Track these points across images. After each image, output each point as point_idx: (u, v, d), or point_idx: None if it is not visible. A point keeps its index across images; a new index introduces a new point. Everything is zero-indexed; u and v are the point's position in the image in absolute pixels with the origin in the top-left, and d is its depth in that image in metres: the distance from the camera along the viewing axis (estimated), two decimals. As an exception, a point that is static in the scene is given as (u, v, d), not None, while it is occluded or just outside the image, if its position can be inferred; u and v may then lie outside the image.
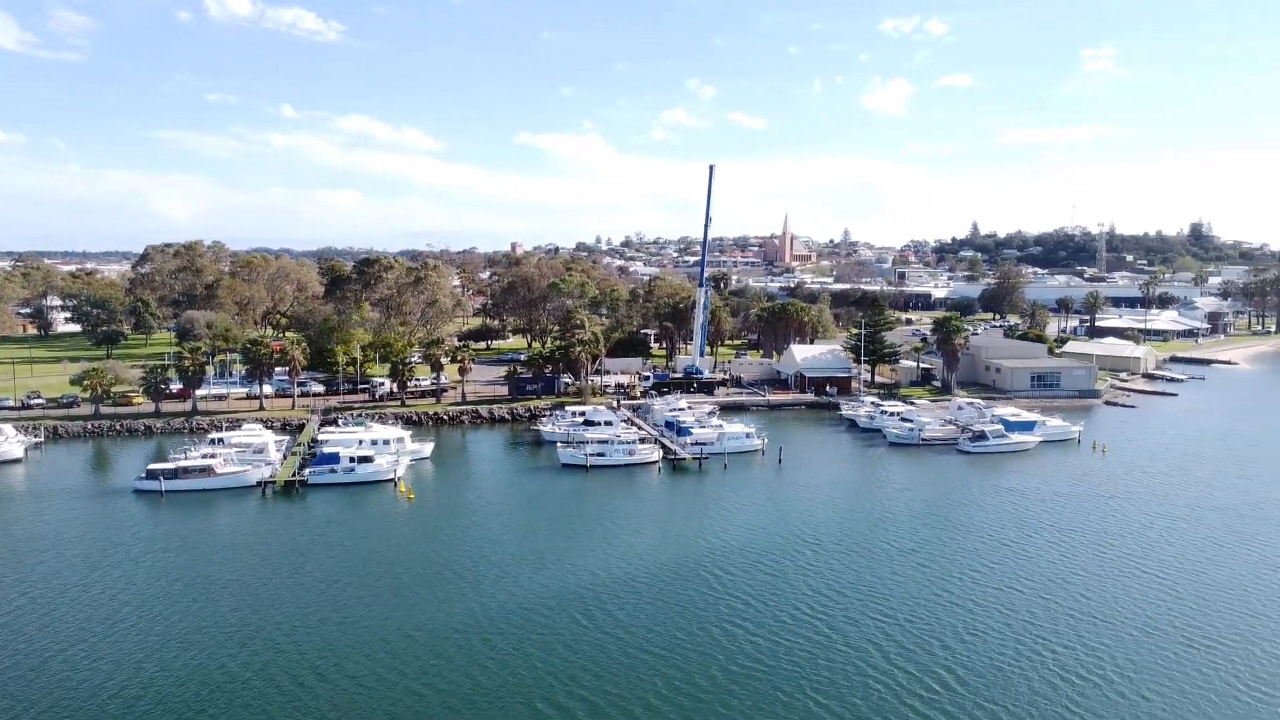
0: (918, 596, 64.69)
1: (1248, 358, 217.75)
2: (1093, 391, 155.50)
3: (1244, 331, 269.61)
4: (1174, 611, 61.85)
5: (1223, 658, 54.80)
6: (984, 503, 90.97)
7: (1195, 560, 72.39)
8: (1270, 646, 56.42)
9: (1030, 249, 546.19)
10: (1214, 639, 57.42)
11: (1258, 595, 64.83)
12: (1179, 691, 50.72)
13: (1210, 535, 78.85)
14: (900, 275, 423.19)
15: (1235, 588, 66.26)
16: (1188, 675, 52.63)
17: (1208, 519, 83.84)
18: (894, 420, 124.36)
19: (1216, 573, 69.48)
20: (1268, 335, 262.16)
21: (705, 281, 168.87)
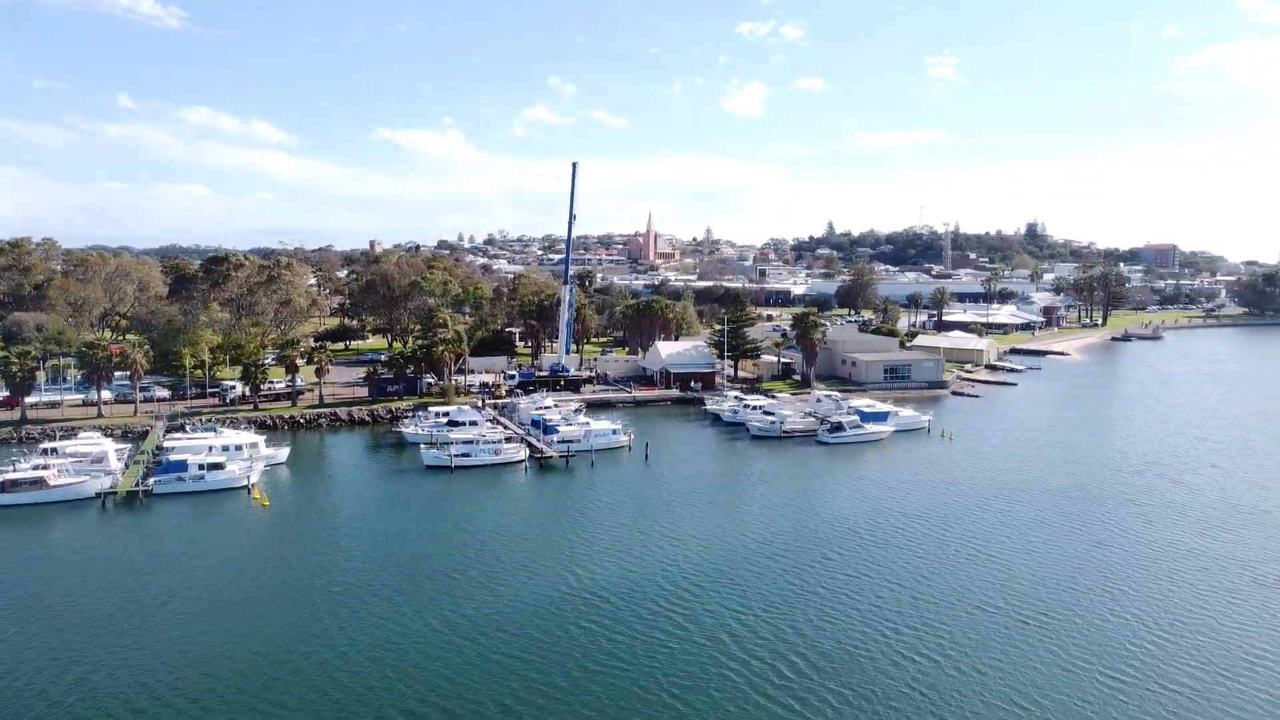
0: (773, 586, 65.44)
1: (1078, 349, 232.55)
2: (941, 382, 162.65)
3: (1075, 324, 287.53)
4: (1008, 589, 64.46)
5: (1051, 632, 57.36)
6: (840, 492, 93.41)
7: (1028, 540, 75.82)
8: (1093, 619, 59.42)
9: (882, 247, 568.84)
10: (1043, 614, 60.13)
11: (1084, 572, 68.25)
12: (1011, 665, 52.88)
13: (1041, 516, 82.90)
14: (761, 273, 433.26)
15: (1063, 565, 69.66)
16: (1019, 649, 54.89)
17: (1039, 501, 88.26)
18: (756, 414, 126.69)
19: (1046, 551, 72.95)
20: (1095, 328, 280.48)
21: (570, 279, 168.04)
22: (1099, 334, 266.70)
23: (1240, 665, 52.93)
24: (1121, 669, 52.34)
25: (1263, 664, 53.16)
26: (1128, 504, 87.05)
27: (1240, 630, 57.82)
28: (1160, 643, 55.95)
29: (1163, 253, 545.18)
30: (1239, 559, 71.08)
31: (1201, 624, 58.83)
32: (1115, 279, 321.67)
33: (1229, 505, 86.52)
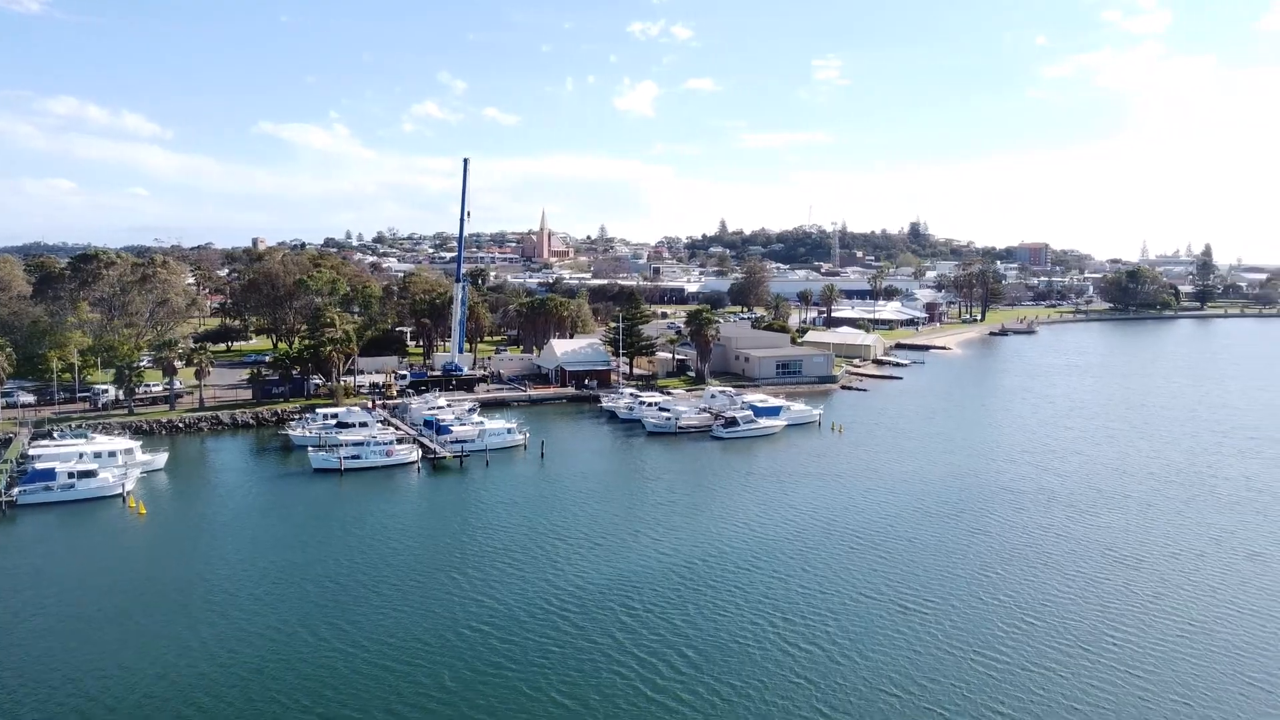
0: (664, 581, 65.90)
1: (959, 343, 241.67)
2: (831, 377, 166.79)
3: (956, 320, 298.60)
4: (890, 577, 66.49)
5: (930, 616, 59.42)
6: (733, 486, 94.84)
7: (909, 529, 78.35)
8: (970, 602, 61.86)
9: (773, 246, 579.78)
10: (923, 599, 62.30)
11: (961, 558, 70.94)
12: (893, 650, 54.60)
13: (922, 505, 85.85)
14: (655, 271, 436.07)
15: (942, 552, 72.28)
16: (901, 635, 56.72)
17: (921, 490, 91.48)
18: (652, 410, 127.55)
19: (926, 539, 75.54)
20: (975, 323, 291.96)
21: (463, 277, 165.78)
22: (978, 329, 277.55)
23: (1104, 640, 55.92)
24: (996, 649, 54.62)
25: (1123, 638, 56.27)
26: (1002, 491, 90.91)
27: (1103, 608, 61.11)
28: (1031, 622, 58.59)
29: (1036, 251, 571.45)
30: (1102, 541, 75.06)
31: (1068, 603, 61.91)
32: (993, 276, 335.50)
33: (1094, 490, 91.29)
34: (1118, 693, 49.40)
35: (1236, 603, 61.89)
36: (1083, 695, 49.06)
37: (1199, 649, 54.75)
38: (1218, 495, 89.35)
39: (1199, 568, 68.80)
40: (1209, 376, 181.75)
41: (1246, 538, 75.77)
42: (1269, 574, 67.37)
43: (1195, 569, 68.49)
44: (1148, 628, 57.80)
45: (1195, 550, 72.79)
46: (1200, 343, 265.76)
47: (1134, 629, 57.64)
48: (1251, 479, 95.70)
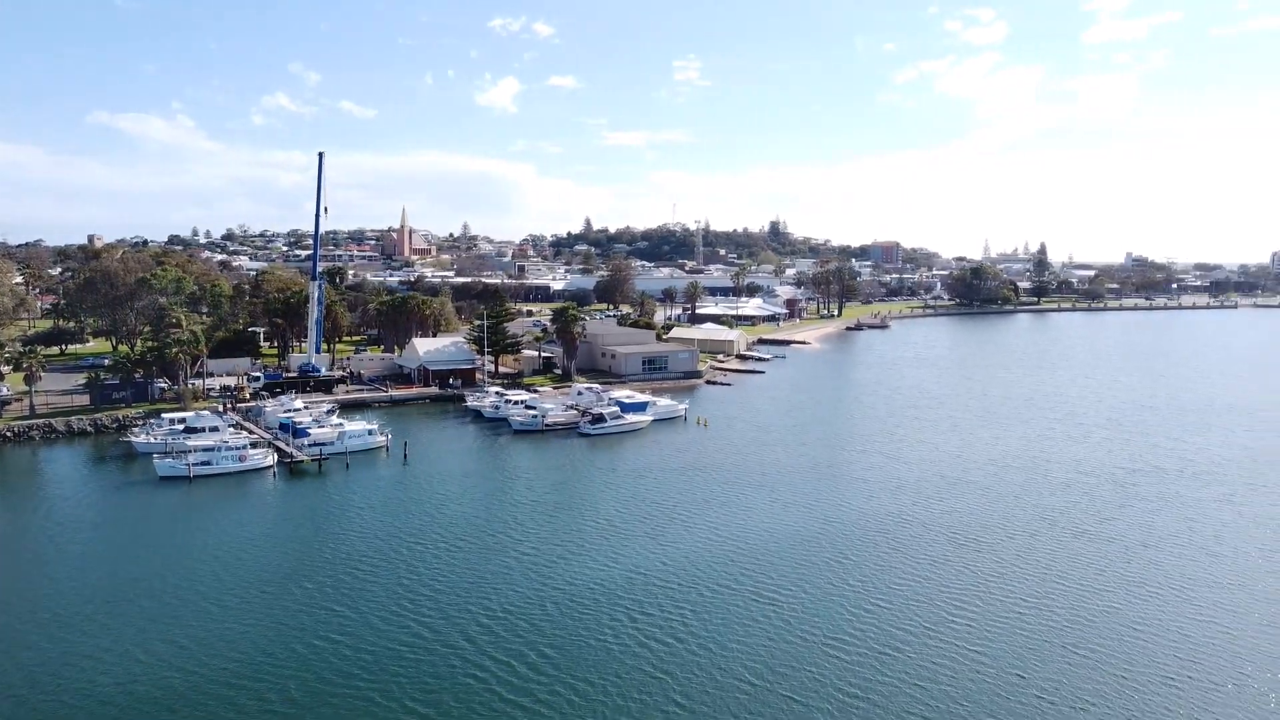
0: (519, 583, 65.44)
1: (818, 338, 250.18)
2: (696, 372, 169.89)
3: (815, 316, 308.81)
4: (745, 569, 67.97)
5: (783, 606, 61.11)
6: (598, 483, 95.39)
7: (766, 520, 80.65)
8: (821, 590, 63.98)
9: (638, 243, 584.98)
10: (776, 589, 64.00)
11: (814, 547, 73.26)
12: (749, 639, 56.00)
13: (777, 496, 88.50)
14: (520, 269, 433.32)
15: (796, 542, 74.58)
16: (755, 625, 58.11)
17: (779, 481, 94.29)
18: (518, 408, 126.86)
19: (782, 530, 77.79)
20: (832, 318, 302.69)
21: (319, 275, 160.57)
22: (835, 324, 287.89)
23: (947, 620, 58.95)
24: (844, 636, 56.66)
25: (965, 617, 59.49)
26: (855, 481, 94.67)
27: (946, 589, 64.42)
28: (882, 606, 61.24)
29: (888, 249, 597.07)
30: (946, 525, 79.13)
31: (915, 586, 65.01)
32: (849, 274, 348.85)
33: (938, 477, 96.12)
34: (959, 669, 52.15)
35: (1066, 578, 66.26)
36: (928, 675, 51.50)
37: (1032, 623, 58.38)
38: (1050, 479, 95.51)
39: (1032, 547, 73.34)
40: (1043, 367, 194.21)
41: (1075, 517, 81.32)
42: (1094, 550, 72.48)
43: (1029, 548, 72.95)
44: (987, 606, 61.22)
45: (1029, 531, 77.57)
46: (1036, 335, 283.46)
47: (975, 608, 60.94)
48: (1080, 462, 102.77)
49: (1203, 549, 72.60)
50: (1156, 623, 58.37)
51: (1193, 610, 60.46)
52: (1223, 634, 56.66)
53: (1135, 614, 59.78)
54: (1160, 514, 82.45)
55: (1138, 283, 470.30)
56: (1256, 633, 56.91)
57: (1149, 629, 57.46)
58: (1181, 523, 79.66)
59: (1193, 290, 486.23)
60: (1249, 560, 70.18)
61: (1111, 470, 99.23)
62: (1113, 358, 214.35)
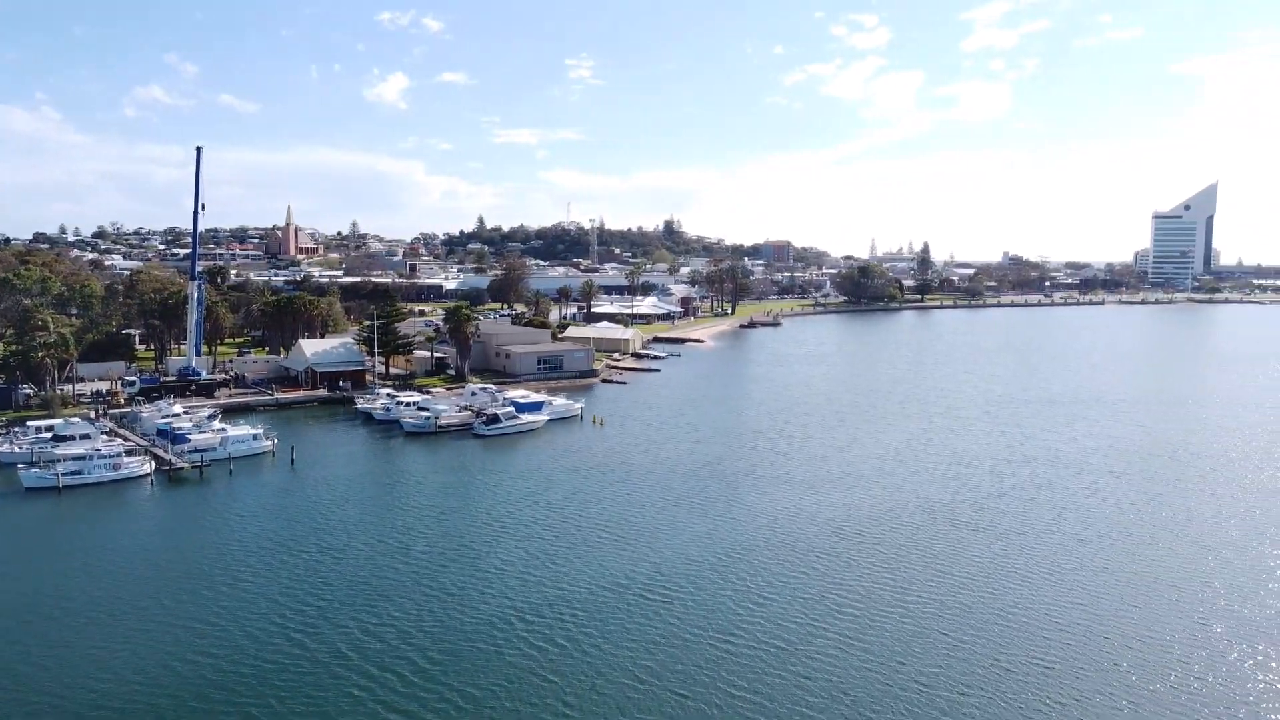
0: (408, 590, 64.29)
1: (712, 336, 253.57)
2: (591, 371, 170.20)
3: (709, 314, 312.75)
4: (636, 568, 68.31)
5: (672, 604, 61.57)
6: (492, 485, 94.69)
7: (658, 519, 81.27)
8: (710, 587, 64.89)
9: (532, 242, 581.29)
10: (666, 587, 64.49)
11: (704, 544, 74.19)
12: (637, 640, 56.08)
13: (669, 494, 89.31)
14: (412, 268, 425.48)
15: (687, 540, 75.48)
16: (645, 624, 58.40)
17: (672, 480, 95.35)
18: (410, 410, 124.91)
19: (673, 528, 78.51)
20: (726, 316, 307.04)
21: (199, 275, 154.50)
22: (729, 322, 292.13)
23: (830, 613, 60.59)
24: (732, 631, 57.49)
25: (847, 609, 61.34)
26: (744, 476, 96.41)
27: (830, 582, 66.23)
28: (769, 600, 62.52)
29: (779, 248, 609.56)
30: (830, 518, 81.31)
31: (799, 580, 66.57)
32: (741, 272, 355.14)
33: (824, 471, 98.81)
34: (845, 660, 53.68)
35: (945, 568, 68.94)
36: (815, 667, 52.83)
37: (914, 613, 60.57)
38: (932, 471, 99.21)
39: (914, 538, 75.95)
40: (925, 363, 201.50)
41: (955, 508, 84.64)
42: (971, 539, 75.62)
43: (911, 539, 75.53)
44: (870, 597, 63.17)
45: (911, 522, 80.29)
46: (920, 332, 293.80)
47: (859, 599, 62.82)
48: (959, 454, 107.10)
49: (1071, 535, 76.57)
50: (1029, 608, 61.24)
51: (1061, 594, 63.65)
52: (1089, 616, 59.85)
53: (1009, 600, 62.62)
54: (1032, 503, 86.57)
55: (1014, 280, 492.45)
56: (1119, 614, 60.35)
57: (1022, 614, 60.24)
58: (1052, 511, 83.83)
59: (1064, 287, 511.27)
60: (1112, 545, 74.34)
61: (988, 461, 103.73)
62: (990, 353, 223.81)
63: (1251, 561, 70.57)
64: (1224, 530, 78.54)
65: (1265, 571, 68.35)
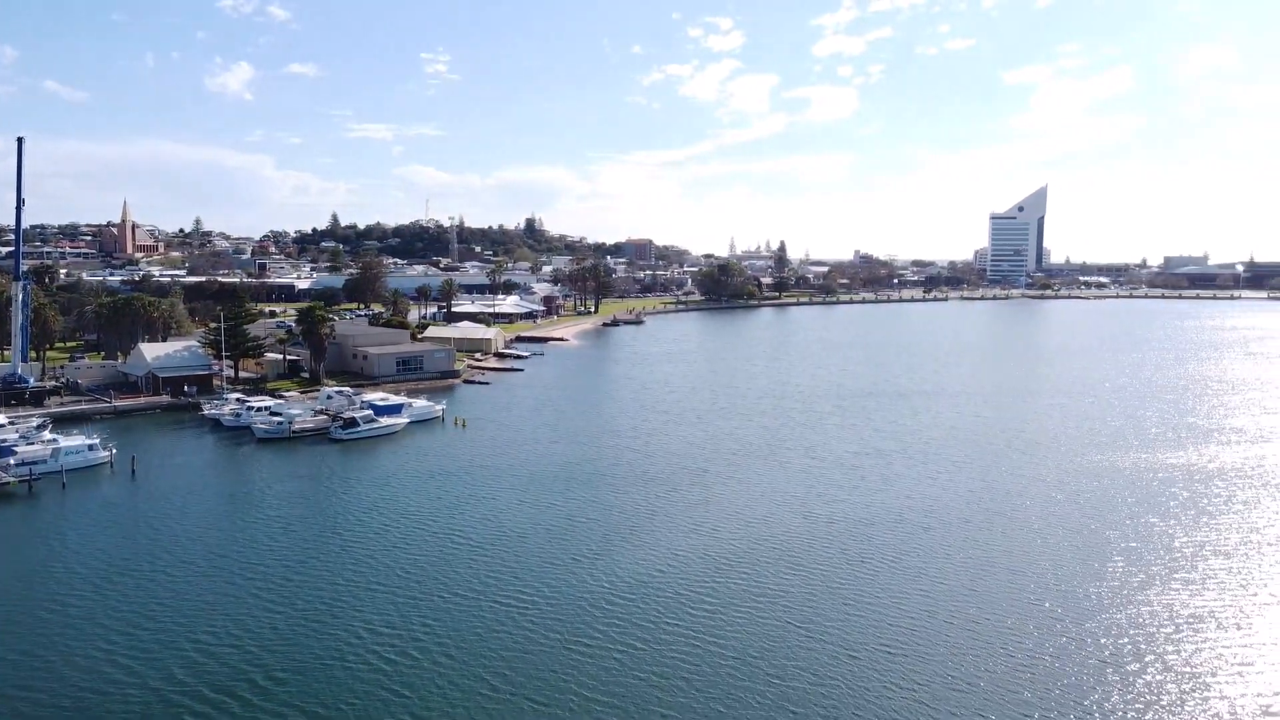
0: (250, 604, 61.81)
1: (575, 334, 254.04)
2: (453, 372, 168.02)
3: (572, 312, 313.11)
4: (491, 573, 67.37)
5: (524, 609, 60.88)
6: (348, 491, 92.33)
7: (517, 521, 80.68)
8: (562, 590, 64.85)
9: (390, 240, 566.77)
10: (520, 592, 63.85)
11: (559, 545, 74.07)
12: (492, 644, 55.31)
13: (527, 496, 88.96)
14: (261, 266, 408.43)
15: (541, 543, 75.03)
16: (503, 628, 57.83)
17: (530, 480, 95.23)
18: (262, 415, 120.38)
19: (531, 531, 78.14)
20: (589, 315, 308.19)
21: (23, 275, 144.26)
22: (592, 320, 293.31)
23: (683, 611, 61.64)
24: (588, 634, 57.30)
25: (701, 607, 62.39)
26: (605, 477, 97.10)
27: (683, 579, 67.32)
28: (621, 602, 62.78)
29: (641, 247, 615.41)
30: (684, 514, 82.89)
31: (654, 578, 67.45)
32: (604, 271, 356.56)
33: (682, 469, 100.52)
34: (699, 658, 54.56)
35: (797, 561, 71.24)
36: (669, 667, 53.36)
37: (765, 607, 62.33)
38: (785, 465, 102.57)
39: (766, 531, 78.24)
40: (781, 358, 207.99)
41: (807, 501, 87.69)
42: (823, 531, 78.50)
43: (763, 533, 77.73)
44: (724, 592, 64.60)
45: (765, 517, 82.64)
46: (777, 328, 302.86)
47: (712, 596, 64.10)
48: (812, 448, 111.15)
49: (916, 524, 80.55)
50: (877, 596, 64.06)
51: (906, 582, 66.83)
52: (932, 601, 63.14)
53: (858, 589, 65.32)
54: (880, 493, 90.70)
55: (865, 278, 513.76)
56: (959, 598, 63.90)
57: (869, 602, 62.93)
58: (899, 500, 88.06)
59: (911, 285, 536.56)
60: (953, 532, 78.59)
61: (839, 454, 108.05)
62: (843, 348, 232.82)
63: (1078, 542, 76.00)
64: (1054, 513, 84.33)
65: (1090, 551, 73.74)
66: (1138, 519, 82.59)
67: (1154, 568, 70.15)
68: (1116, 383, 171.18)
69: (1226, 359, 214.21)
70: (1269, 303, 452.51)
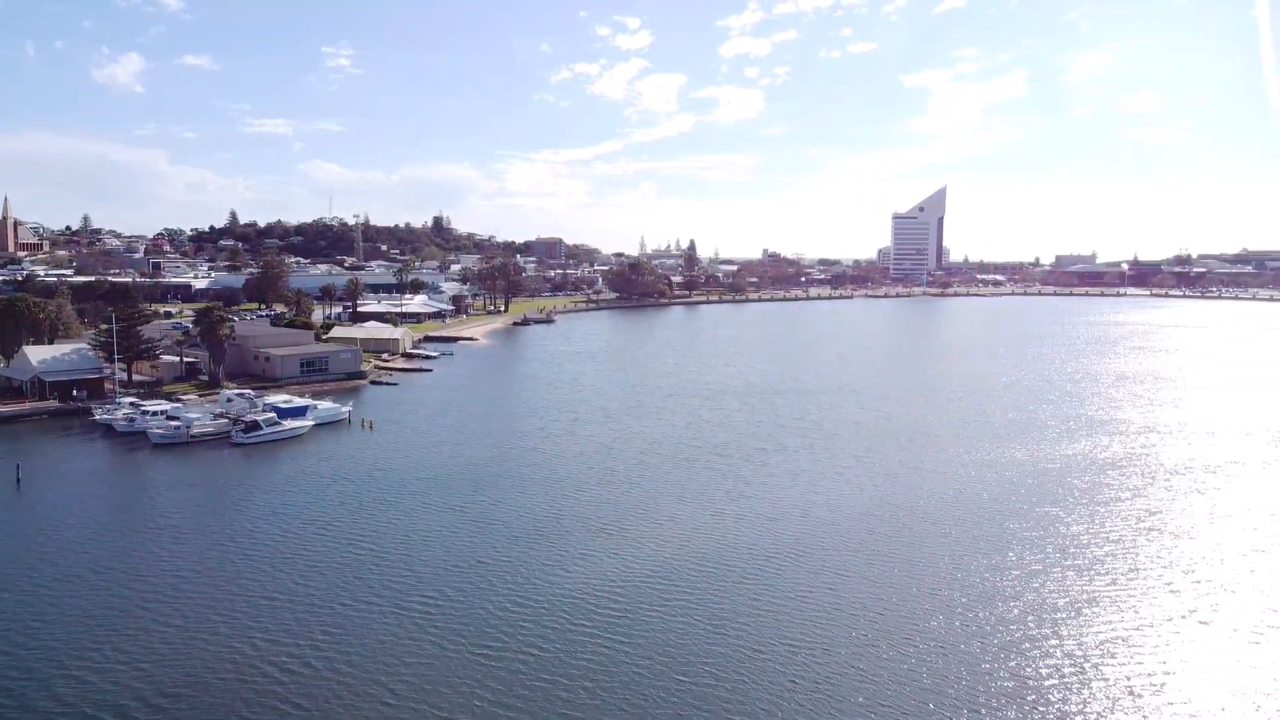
0: (137, 617, 59.32)
1: (485, 333, 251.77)
2: (360, 373, 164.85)
3: (481, 311, 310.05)
4: (396, 579, 65.94)
5: (431, 616, 59.75)
6: (248, 498, 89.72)
7: (423, 525, 79.14)
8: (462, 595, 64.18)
9: (292, 239, 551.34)
10: (423, 599, 62.75)
11: (465, 550, 72.81)
12: (392, 653, 54.00)
13: (438, 499, 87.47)
14: (155, 266, 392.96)
15: (448, 547, 74.09)
16: (405, 634, 56.67)
17: (439, 483, 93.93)
18: (158, 420, 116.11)
19: (436, 535, 76.75)
20: (499, 314, 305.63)
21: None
22: (502, 319, 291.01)
23: (592, 611, 61.67)
24: (492, 639, 56.24)
25: (610, 608, 62.46)
26: (510, 477, 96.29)
27: (590, 580, 67.34)
28: (527, 605, 62.34)
29: (551, 245, 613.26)
30: (591, 515, 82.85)
31: (561, 581, 67.30)
32: (514, 269, 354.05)
33: (588, 468, 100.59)
34: (606, 660, 54.53)
35: (700, 554, 71.72)
36: (576, 669, 53.02)
37: (673, 604, 62.71)
38: (693, 463, 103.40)
39: (673, 529, 78.63)
40: (691, 356, 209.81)
41: (714, 498, 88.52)
42: (727, 527, 79.36)
43: (670, 531, 78.03)
44: (626, 593, 64.21)
45: (671, 514, 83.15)
46: (687, 326, 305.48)
47: (620, 596, 64.08)
48: (720, 445, 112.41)
49: (821, 519, 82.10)
50: (782, 591, 65.01)
51: (811, 576, 68.00)
52: (835, 594, 64.49)
53: (763, 584, 66.17)
54: (787, 490, 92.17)
55: (773, 276, 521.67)
56: (861, 590, 65.46)
57: (774, 597, 63.82)
58: (804, 495, 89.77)
59: (818, 283, 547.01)
60: (856, 525, 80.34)
61: (747, 451, 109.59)
62: (751, 345, 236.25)
63: (978, 533, 78.61)
64: (951, 505, 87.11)
65: (989, 541, 76.30)
66: (1035, 509, 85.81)
67: (1050, 555, 72.98)
68: (1012, 377, 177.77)
69: (1114, 353, 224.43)
70: (1151, 299, 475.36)
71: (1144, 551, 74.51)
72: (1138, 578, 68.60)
